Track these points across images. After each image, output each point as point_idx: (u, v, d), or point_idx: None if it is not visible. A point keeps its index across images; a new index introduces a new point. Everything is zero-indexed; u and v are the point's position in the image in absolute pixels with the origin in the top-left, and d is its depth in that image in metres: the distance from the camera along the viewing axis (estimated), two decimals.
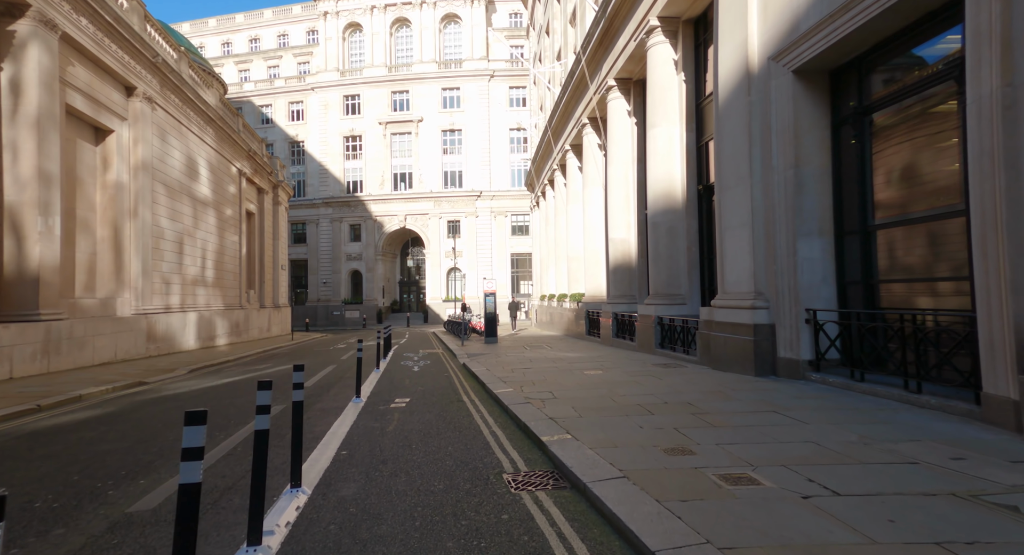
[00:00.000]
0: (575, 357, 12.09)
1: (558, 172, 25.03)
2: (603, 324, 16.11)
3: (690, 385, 7.38)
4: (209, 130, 20.86)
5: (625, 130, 15.58)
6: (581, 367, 9.98)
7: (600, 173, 18.68)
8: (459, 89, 45.49)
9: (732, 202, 8.66)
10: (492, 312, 18.50)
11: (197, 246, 19.81)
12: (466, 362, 12.03)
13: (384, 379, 9.96)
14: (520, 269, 44.74)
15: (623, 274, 15.64)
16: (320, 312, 45.51)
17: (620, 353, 12.70)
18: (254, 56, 51.70)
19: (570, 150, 21.98)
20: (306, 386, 9.30)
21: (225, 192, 22.89)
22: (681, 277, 12.32)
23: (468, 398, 7.68)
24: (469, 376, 10.18)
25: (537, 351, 14.12)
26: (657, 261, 12.51)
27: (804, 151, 7.36)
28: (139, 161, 15.38)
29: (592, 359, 11.53)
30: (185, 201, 18.74)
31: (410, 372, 11.17)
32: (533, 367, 10.34)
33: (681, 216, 12.34)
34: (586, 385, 7.74)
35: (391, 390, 8.54)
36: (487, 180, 44.35)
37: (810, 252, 7.36)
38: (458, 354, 14.33)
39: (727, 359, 8.55)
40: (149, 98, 15.80)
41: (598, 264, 18.89)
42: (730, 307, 8.57)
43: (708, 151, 11.91)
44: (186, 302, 18.64)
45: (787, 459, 3.90)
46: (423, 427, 5.77)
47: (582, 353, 13.10)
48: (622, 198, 15.72)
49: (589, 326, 18.30)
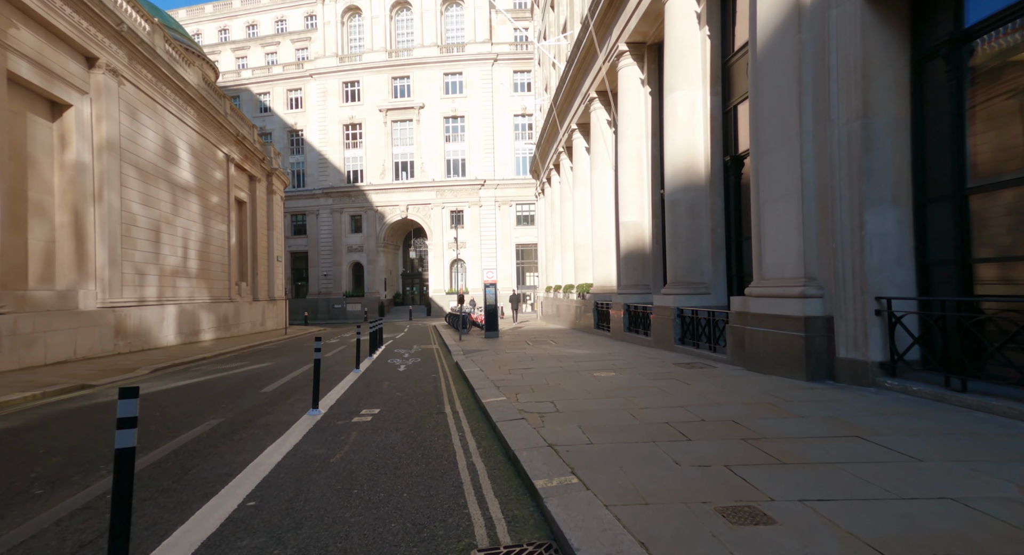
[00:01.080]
0: (582, 354, 10.62)
1: (563, 155, 23.43)
2: (613, 317, 14.61)
3: (728, 393, 5.89)
4: (190, 111, 19.46)
5: (638, 100, 13.95)
6: (590, 367, 8.51)
7: (609, 152, 17.09)
8: (461, 74, 43.82)
9: (774, 169, 7.10)
10: (492, 305, 17.06)
11: (178, 235, 18.49)
12: (459, 360, 10.60)
13: (360, 382, 8.55)
14: (526, 260, 43.24)
15: (636, 261, 14.10)
16: (321, 305, 44.38)
17: (634, 350, 11.21)
18: (251, 42, 50.27)
19: (576, 130, 20.37)
20: (268, 391, 7.91)
21: (210, 178, 21.54)
22: (703, 263, 10.77)
23: (451, 409, 6.24)
24: (459, 378, 8.75)
25: (540, 347, 12.67)
26: (676, 245, 10.97)
27: (875, 96, 5.78)
28: (104, 140, 14.01)
29: (602, 357, 10.05)
30: (162, 186, 17.39)
31: (394, 372, 9.76)
32: (534, 367, 8.88)
33: (704, 193, 10.76)
34: (596, 392, 6.27)
35: (362, 397, 7.12)
36: (491, 168, 42.78)
37: (881, 225, 5.80)
38: (453, 350, 12.92)
39: (768, 359, 7.04)
40: (114, 71, 14.39)
41: (607, 252, 17.35)
42: (771, 296, 7.04)
43: (737, 116, 10.30)
44: (165, 295, 17.36)
45: (935, 541, 2.40)
46: (380, 456, 4.34)
47: (590, 349, 11.62)
48: (634, 177, 14.14)
49: (598, 319, 16.81)
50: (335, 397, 7.12)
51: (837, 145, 6.08)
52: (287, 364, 11.76)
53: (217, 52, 50.34)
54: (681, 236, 10.82)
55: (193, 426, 5.55)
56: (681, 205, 10.84)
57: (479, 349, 12.89)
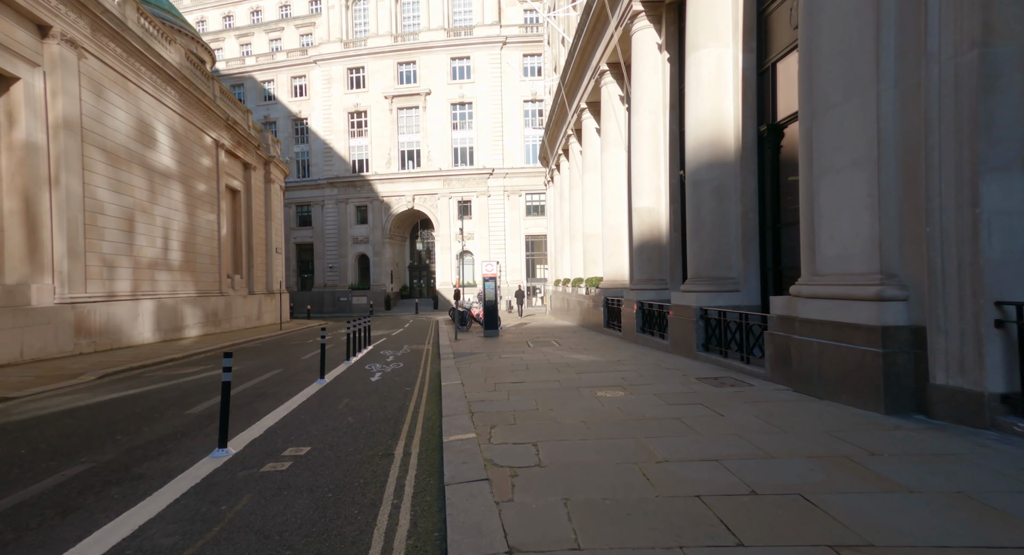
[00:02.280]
0: (587, 362, 9.02)
1: (572, 138, 21.67)
2: (625, 315, 12.96)
3: (780, 434, 4.26)
4: (171, 92, 18.12)
5: (655, 69, 12.17)
6: (593, 382, 6.92)
7: (622, 131, 15.33)
8: (469, 58, 42.03)
9: (836, 129, 5.39)
10: (492, 301, 15.49)
11: (156, 224, 17.23)
12: (445, 368, 9.09)
13: (315, 398, 7.07)
14: (536, 252, 41.58)
15: (650, 252, 12.40)
16: (327, 298, 43.32)
17: (648, 356, 9.57)
18: (255, 29, 49.03)
19: (586, 109, 18.59)
20: (194, 412, 6.46)
21: (196, 165, 20.25)
22: (732, 254, 9.06)
23: (404, 449, 4.70)
24: (435, 394, 7.23)
25: (540, 350, 11.09)
26: (698, 233, 9.26)
27: (1002, 14, 4.05)
28: (60, 118, 12.68)
29: (609, 366, 8.44)
30: (136, 171, 16.09)
31: (364, 382, 8.27)
32: (526, 381, 7.31)
33: (733, 171, 9.02)
34: (597, 427, 4.68)
35: (303, 424, 5.63)
36: (499, 157, 41.07)
37: (1005, 200, 4.09)
38: (443, 353, 11.43)
39: (826, 380, 5.38)
40: (73, 42, 13.03)
41: (619, 242, 15.65)
42: (830, 297, 5.36)
43: (775, 76, 8.52)
44: (141, 288, 16.13)
45: None
46: (258, 549, 2.82)
47: (597, 354, 10.01)
48: (649, 156, 12.39)
49: (608, 317, 15.16)
50: (268, 424, 5.64)
51: (937, 89, 4.35)
52: (255, 368, 10.36)
53: (221, 39, 49.28)
54: (705, 222, 9.11)
55: (44, 476, 4.10)
56: (705, 186, 9.12)
57: (472, 352, 11.37)
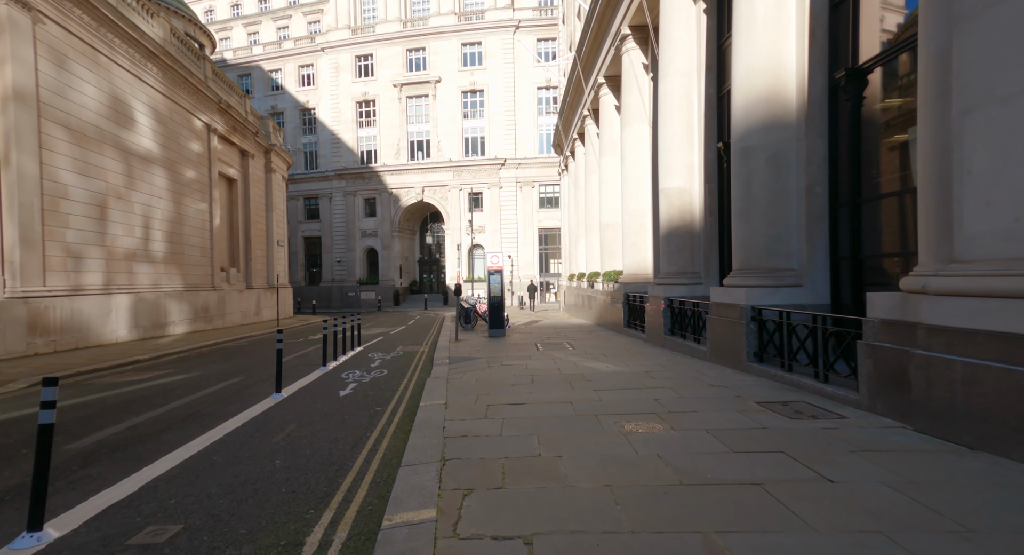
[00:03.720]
0: (607, 373, 7.25)
1: (589, 120, 19.79)
2: (650, 313, 11.13)
3: (955, 538, 2.49)
4: (152, 69, 16.69)
5: (688, 22, 10.26)
6: (617, 406, 5.16)
7: (645, 104, 13.44)
8: (480, 44, 40.24)
9: (1003, 33, 3.55)
10: (498, 297, 13.76)
11: (135, 212, 15.85)
12: (432, 378, 7.42)
13: (249, 428, 5.41)
14: (550, 246, 39.75)
15: (681, 241, 10.54)
16: (335, 293, 42.09)
17: (682, 365, 7.76)
18: (263, 17, 47.83)
19: (604, 84, 16.70)
20: (90, 441, 4.87)
21: (184, 149, 18.86)
22: (792, 239, 7.18)
23: (322, 535, 3.02)
24: (408, 419, 5.54)
25: (551, 355, 9.33)
26: (748, 213, 7.39)
27: None
28: (10, 88, 11.26)
29: (636, 380, 6.66)
30: (110, 153, 14.69)
31: (327, 400, 6.62)
32: (529, 401, 5.58)
33: (794, 133, 7.13)
34: (632, 502, 2.92)
35: (199, 476, 3.96)
36: (512, 146, 39.27)
37: None
38: (437, 358, 9.76)
39: (981, 421, 3.55)
40: (25, 3, 11.61)
41: (641, 231, 13.79)
42: (992, 293, 3.54)
43: (855, 7, 6.60)
44: (115, 282, 14.76)
45: None
46: None
47: (618, 362, 8.22)
48: (680, 127, 10.51)
49: (629, 316, 13.33)
50: (154, 473, 3.98)
51: None
52: (214, 375, 8.81)
53: (228, 28, 48.31)
54: (757, 200, 7.25)
55: None
56: (757, 154, 7.25)
57: (471, 356, 9.68)
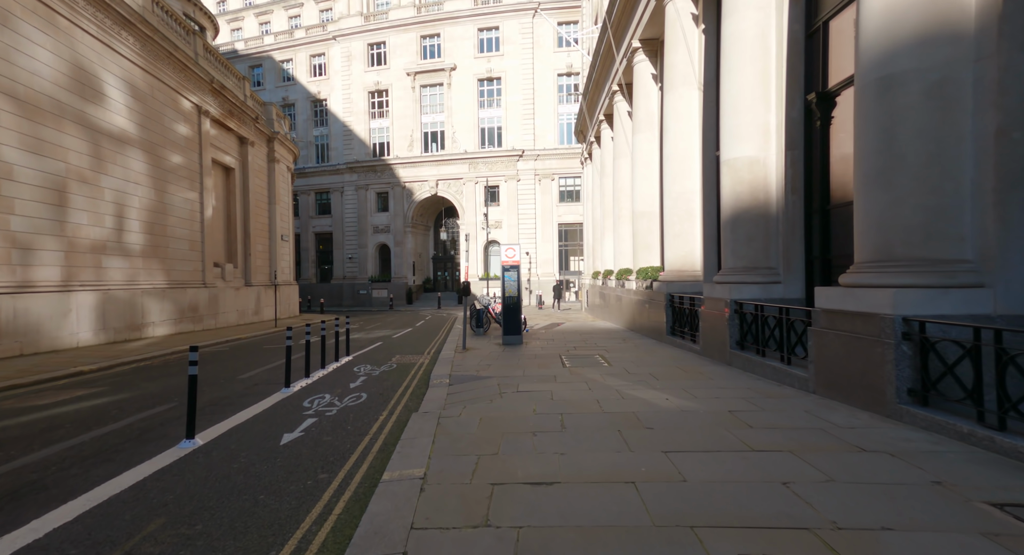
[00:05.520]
0: (672, 412, 4.92)
1: (619, 96, 17.38)
2: (707, 320, 8.73)
3: None
4: (128, 38, 14.85)
5: None
6: (723, 502, 2.87)
7: (695, 64, 11.01)
8: (498, 29, 38.00)
9: None
10: (514, 297, 11.48)
11: (105, 199, 14.02)
12: (419, 415, 5.21)
13: (94, 518, 3.30)
14: (570, 242, 37.36)
15: (751, 227, 8.12)
16: (346, 291, 40.38)
17: (776, 399, 5.39)
18: (274, 6, 46.40)
19: (640, 48, 14.27)
20: None
21: (169, 131, 17.04)
22: (964, 212, 4.74)
23: None
24: (356, 510, 3.34)
25: (583, 375, 7.03)
26: (890, 176, 4.96)
27: None
28: None
29: (724, 428, 4.31)
30: (71, 130, 12.85)
31: (247, 459, 4.44)
32: (562, 476, 3.31)
33: (972, 50, 4.69)
34: None
35: None
36: (530, 137, 36.97)
37: None
38: (436, 376, 7.57)
39: None
40: None
41: (688, 218, 11.37)
42: None
43: None
44: (78, 277, 12.94)
45: None
46: None
47: (680, 392, 5.88)
48: (753, 78, 8.08)
49: (673, 321, 10.94)
50: None
51: None
52: (164, 393, 6.72)
53: (240, 18, 47.09)
54: (905, 156, 4.84)
55: None
56: (910, 85, 4.82)
57: (477, 375, 7.44)
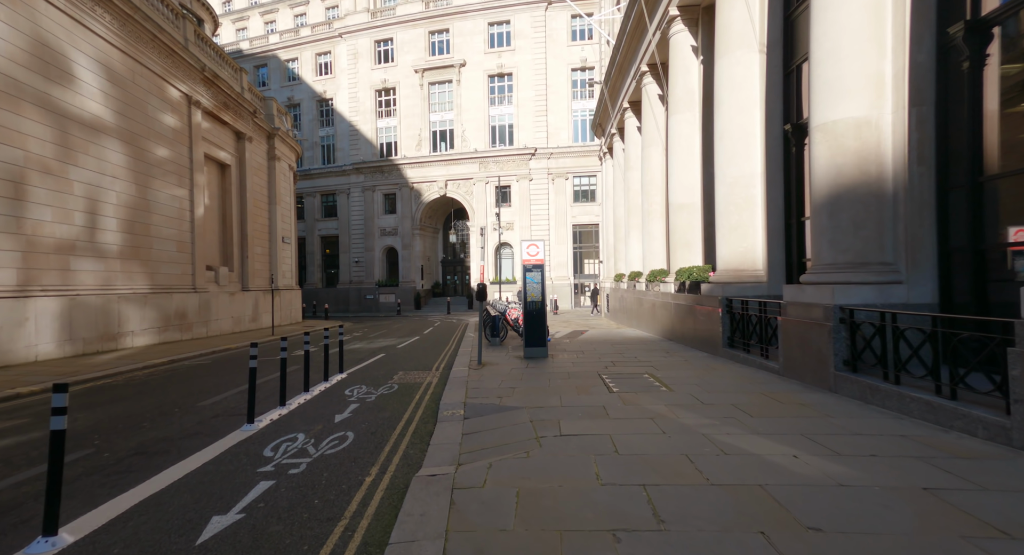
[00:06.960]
0: (820, 483, 2.98)
1: (648, 78, 15.55)
2: (788, 332, 6.83)
3: None
4: (103, 15, 13.32)
5: None
6: None
7: (755, 22, 9.16)
8: (509, 23, 36.46)
9: None
10: (537, 303, 9.63)
11: (74, 193, 12.43)
12: (420, 488, 3.41)
13: None
14: (584, 244, 35.50)
15: (858, 209, 6.21)
16: (352, 296, 38.84)
17: (978, 458, 3.52)
18: (280, 4, 45.35)
19: (678, 17, 12.44)
20: None
21: (153, 121, 15.49)
22: None
23: None
24: None
25: (642, 405, 5.16)
26: None
27: None
28: None
29: (941, 528, 2.49)
30: (32, 114, 11.29)
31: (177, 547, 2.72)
32: None
33: None
34: None
35: None
36: (543, 135, 35.27)
37: None
38: (446, 406, 5.75)
39: None
40: None
41: (748, 206, 9.47)
42: None
43: None
44: (38, 280, 11.33)
45: None
46: None
47: (805, 445, 3.92)
48: (864, 15, 6.19)
49: (732, 330, 9.02)
50: None
51: None
52: (95, 428, 5.01)
53: (246, 18, 46.19)
54: None
55: None
56: None
57: (500, 406, 5.60)
